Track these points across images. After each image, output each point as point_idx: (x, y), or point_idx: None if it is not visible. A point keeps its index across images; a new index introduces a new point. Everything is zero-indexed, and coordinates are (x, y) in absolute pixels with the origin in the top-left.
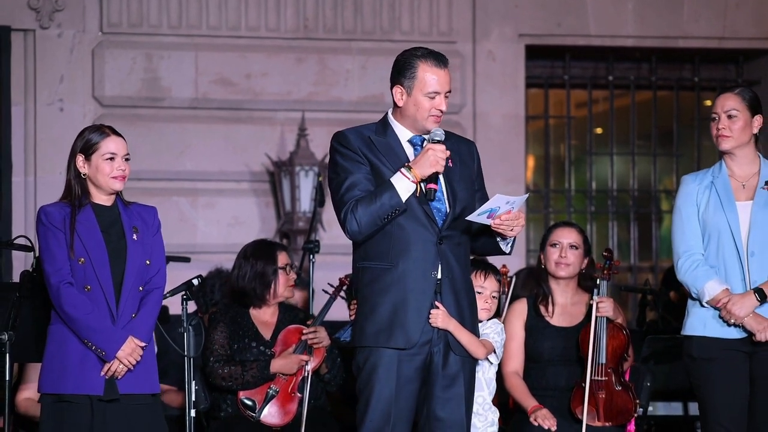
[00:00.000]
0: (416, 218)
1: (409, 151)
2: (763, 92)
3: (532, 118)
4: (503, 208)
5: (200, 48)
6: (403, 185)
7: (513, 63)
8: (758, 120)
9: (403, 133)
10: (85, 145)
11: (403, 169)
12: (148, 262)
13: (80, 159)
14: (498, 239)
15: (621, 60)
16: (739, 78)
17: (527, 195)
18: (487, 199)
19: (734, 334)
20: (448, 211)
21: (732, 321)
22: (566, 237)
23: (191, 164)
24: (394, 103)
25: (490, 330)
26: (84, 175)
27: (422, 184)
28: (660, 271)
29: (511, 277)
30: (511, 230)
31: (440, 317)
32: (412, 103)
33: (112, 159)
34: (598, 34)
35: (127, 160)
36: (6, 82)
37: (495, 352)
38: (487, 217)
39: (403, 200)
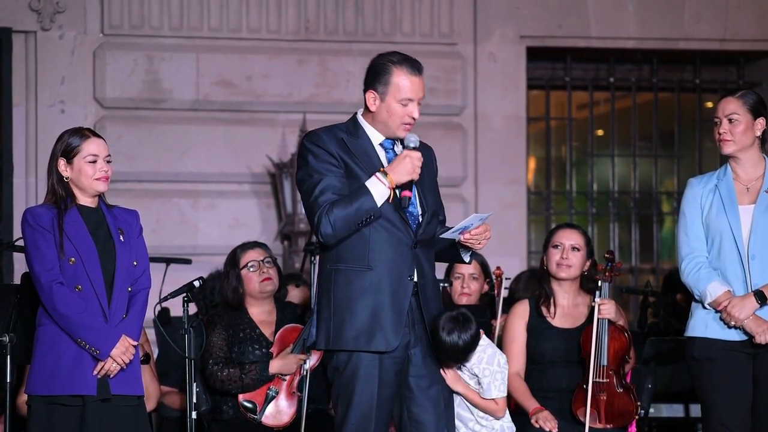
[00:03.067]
0: (392, 222)
1: (381, 154)
2: (765, 94)
3: (533, 120)
4: (476, 223)
5: (201, 50)
6: (378, 190)
7: (514, 64)
8: (761, 123)
9: (375, 136)
10: (65, 149)
11: (378, 174)
12: (135, 263)
13: (62, 162)
14: (460, 249)
15: (622, 61)
16: (740, 80)
17: (492, 213)
18: (442, 206)
19: (735, 336)
20: (421, 216)
21: (732, 323)
22: (568, 238)
23: (192, 166)
24: (366, 107)
25: (493, 372)
26: (66, 178)
27: (397, 191)
28: (661, 272)
29: (507, 279)
30: (479, 244)
31: (450, 378)
32: (385, 109)
33: (94, 161)
34: (599, 36)
35: (108, 161)
36: (7, 83)
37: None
38: (459, 233)
39: (378, 206)
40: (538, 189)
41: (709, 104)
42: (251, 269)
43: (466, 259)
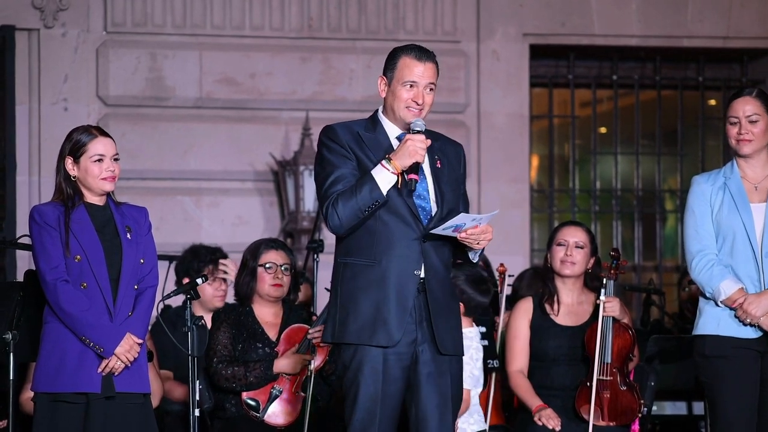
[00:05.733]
0: (400, 215)
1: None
2: None
3: (536, 118)
4: (469, 224)
5: (204, 47)
6: (383, 177)
7: (517, 62)
8: None
9: (392, 129)
10: (73, 147)
11: (383, 162)
12: (142, 260)
13: (69, 161)
14: (466, 248)
15: (625, 59)
16: (743, 77)
17: (497, 211)
18: (467, 203)
19: (750, 333)
20: (435, 210)
21: (748, 321)
22: (572, 236)
23: (195, 163)
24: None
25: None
26: (74, 177)
27: (404, 175)
28: (664, 270)
29: (510, 276)
30: (478, 243)
31: None
32: (391, 93)
33: (100, 160)
34: (602, 34)
35: (116, 160)
36: (10, 81)
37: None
38: (453, 231)
39: (384, 192)
40: (541, 187)
41: (713, 102)
42: (268, 270)
43: (473, 259)
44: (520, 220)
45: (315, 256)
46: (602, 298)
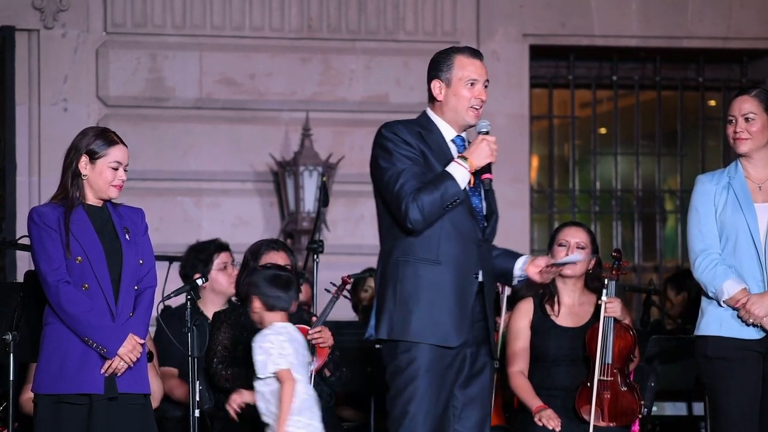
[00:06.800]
0: (462, 218)
1: (453, 150)
2: None
3: (536, 118)
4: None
5: (204, 48)
6: (460, 174)
7: (517, 63)
8: None
9: (447, 131)
10: (91, 148)
11: (458, 159)
12: (141, 261)
13: (84, 160)
14: (517, 275)
15: (625, 60)
16: (743, 78)
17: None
18: None
19: (753, 334)
20: (485, 210)
21: (750, 321)
22: (574, 236)
23: (195, 164)
24: (433, 98)
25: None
26: (84, 176)
27: (475, 176)
28: (664, 270)
29: None
30: (544, 276)
31: None
32: (452, 94)
33: (116, 168)
34: (602, 34)
35: (126, 170)
36: (10, 82)
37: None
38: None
39: (462, 189)
40: (541, 187)
41: (712, 102)
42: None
43: (515, 283)
44: (520, 220)
45: (315, 256)
46: (603, 298)
